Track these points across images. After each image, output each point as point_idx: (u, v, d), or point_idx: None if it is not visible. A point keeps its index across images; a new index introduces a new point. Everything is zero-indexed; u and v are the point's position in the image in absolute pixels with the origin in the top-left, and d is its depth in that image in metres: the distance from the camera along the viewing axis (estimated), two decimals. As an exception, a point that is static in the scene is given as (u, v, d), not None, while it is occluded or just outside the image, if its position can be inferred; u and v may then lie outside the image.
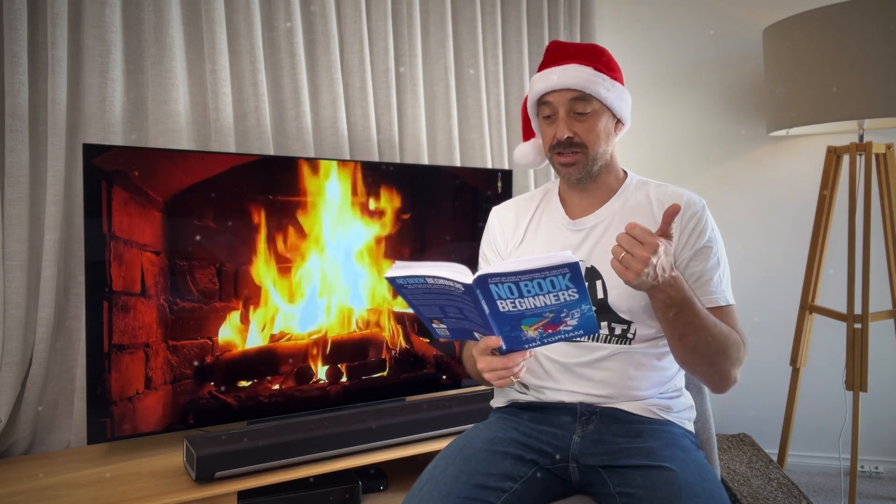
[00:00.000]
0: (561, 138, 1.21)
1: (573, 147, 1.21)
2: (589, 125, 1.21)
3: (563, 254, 0.89)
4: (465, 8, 2.36)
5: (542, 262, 0.88)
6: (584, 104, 1.21)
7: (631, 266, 0.99)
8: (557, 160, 1.24)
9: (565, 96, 1.21)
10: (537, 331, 0.98)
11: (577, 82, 1.20)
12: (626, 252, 0.99)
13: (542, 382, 1.25)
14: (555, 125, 1.23)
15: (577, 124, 1.21)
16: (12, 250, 1.66)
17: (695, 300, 1.08)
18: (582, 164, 1.22)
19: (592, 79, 1.21)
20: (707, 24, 2.60)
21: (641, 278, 0.99)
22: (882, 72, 1.93)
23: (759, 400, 2.59)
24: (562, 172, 1.26)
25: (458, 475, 1.09)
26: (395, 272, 0.97)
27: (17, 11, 1.62)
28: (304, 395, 1.84)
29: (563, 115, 1.22)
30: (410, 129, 2.27)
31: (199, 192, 1.69)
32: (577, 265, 0.88)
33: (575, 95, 1.21)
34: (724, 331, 1.12)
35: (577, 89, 1.20)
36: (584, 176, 1.24)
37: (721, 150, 2.64)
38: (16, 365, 1.66)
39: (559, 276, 0.90)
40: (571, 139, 1.21)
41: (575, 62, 1.22)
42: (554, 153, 1.24)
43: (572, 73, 1.21)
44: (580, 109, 1.21)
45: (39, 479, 1.54)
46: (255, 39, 1.95)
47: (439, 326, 1.05)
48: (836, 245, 2.36)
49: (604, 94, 1.22)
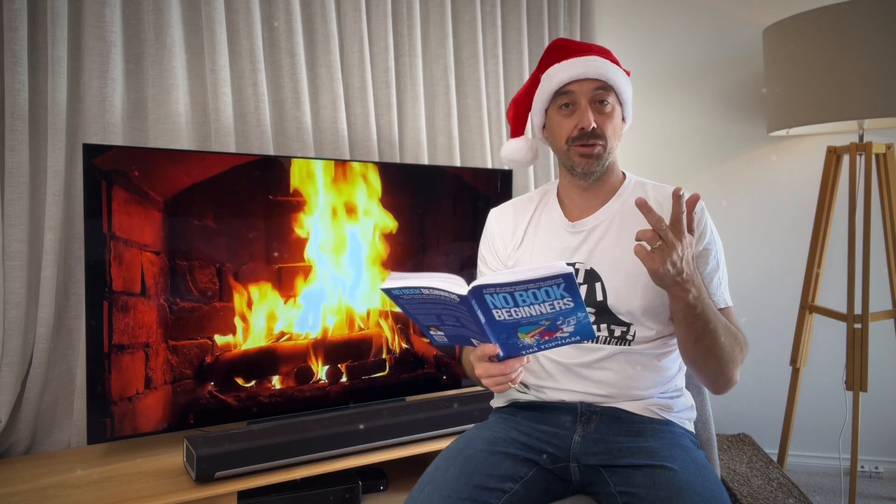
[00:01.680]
0: (587, 127, 1.18)
1: (595, 138, 1.20)
2: (608, 117, 1.21)
3: (557, 265, 0.89)
4: (465, 8, 2.36)
5: (537, 273, 0.89)
6: (606, 94, 1.21)
7: (659, 253, 0.97)
8: (578, 151, 1.21)
9: (590, 86, 1.20)
10: (534, 338, 0.98)
11: (601, 72, 1.20)
12: (660, 240, 0.97)
13: (543, 382, 1.25)
14: (576, 115, 1.21)
15: (598, 116, 1.20)
16: (12, 250, 1.66)
17: (711, 301, 1.08)
18: (599, 156, 1.21)
19: (614, 70, 1.22)
20: (707, 24, 2.61)
21: (667, 267, 0.97)
22: (882, 72, 1.93)
23: (759, 400, 2.59)
24: (580, 165, 1.21)
25: (459, 476, 1.09)
26: (390, 283, 0.97)
27: (17, 11, 1.62)
28: (304, 395, 1.84)
29: (586, 104, 1.20)
30: (410, 129, 2.27)
31: (199, 192, 1.69)
32: (572, 275, 0.89)
33: (599, 85, 1.20)
34: (733, 332, 1.12)
35: (601, 79, 1.20)
36: (598, 169, 1.22)
37: (721, 150, 2.64)
38: (16, 365, 1.66)
39: (554, 285, 0.90)
40: (595, 129, 1.19)
41: (592, 55, 1.23)
42: (574, 144, 1.21)
43: (596, 63, 1.21)
44: (602, 99, 1.21)
45: (39, 479, 1.54)
46: (255, 39, 1.95)
47: (437, 333, 1.06)
48: (836, 245, 2.36)
49: (623, 87, 1.23)
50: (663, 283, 1.03)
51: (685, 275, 1.00)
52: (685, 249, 0.98)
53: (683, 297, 1.03)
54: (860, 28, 1.94)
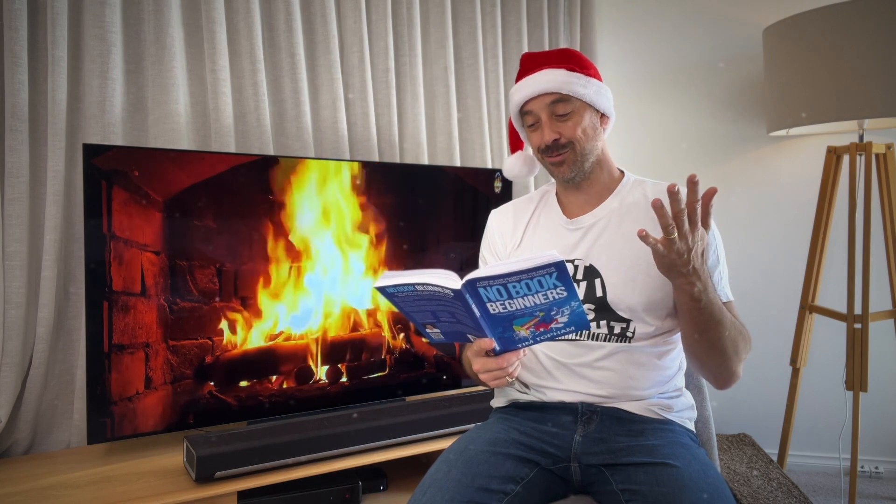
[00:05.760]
0: (547, 142, 1.23)
1: (560, 148, 1.24)
2: (572, 124, 1.23)
3: (548, 253, 0.90)
4: (465, 8, 2.36)
5: (528, 264, 0.89)
6: (564, 105, 1.23)
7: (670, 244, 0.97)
8: (548, 161, 1.27)
9: (544, 101, 1.23)
10: (529, 330, 0.99)
11: (552, 85, 1.22)
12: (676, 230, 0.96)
13: (543, 382, 1.25)
14: (539, 131, 1.25)
15: (560, 125, 1.23)
16: (12, 250, 1.66)
17: (717, 296, 1.08)
18: (571, 161, 1.24)
19: (567, 79, 1.23)
20: (707, 24, 2.61)
21: (673, 256, 0.97)
22: (882, 72, 1.93)
23: (759, 400, 2.59)
24: (554, 173, 1.28)
25: (461, 479, 1.09)
26: (383, 282, 0.97)
27: (17, 11, 1.62)
28: (304, 395, 1.84)
29: (545, 119, 1.24)
30: (410, 129, 2.27)
31: (199, 192, 1.69)
32: (563, 263, 0.89)
33: (553, 98, 1.23)
34: (737, 326, 1.13)
35: (554, 92, 1.22)
36: (576, 174, 1.25)
37: (721, 150, 2.64)
38: (16, 365, 1.66)
39: (546, 275, 0.91)
40: (557, 141, 1.23)
41: (547, 67, 1.24)
42: (544, 156, 1.27)
43: (547, 77, 1.23)
44: (561, 111, 1.23)
45: (39, 479, 1.54)
46: (255, 39, 1.95)
47: (433, 331, 1.06)
48: (836, 245, 2.36)
49: (581, 91, 1.23)
50: (669, 274, 1.03)
51: (692, 267, 1.00)
52: (696, 241, 0.98)
53: (689, 289, 1.03)
54: (860, 28, 1.94)
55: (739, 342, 1.12)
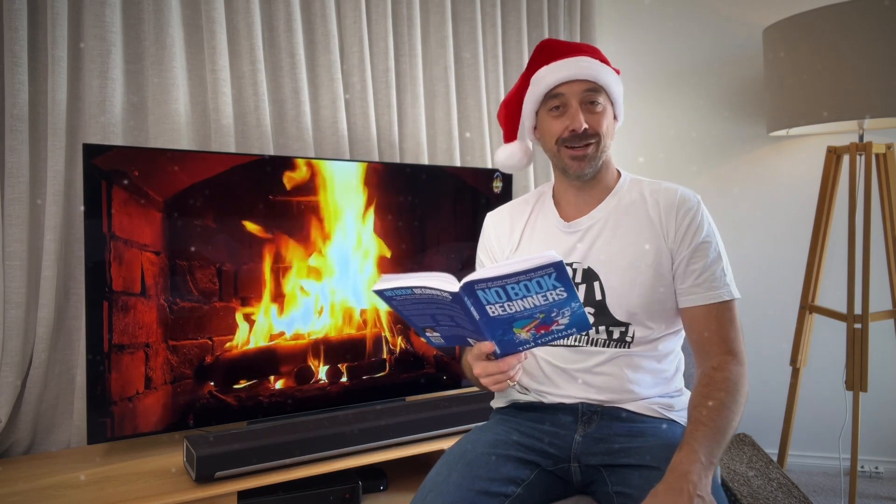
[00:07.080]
0: (578, 129, 1.18)
1: (588, 138, 1.19)
2: (600, 117, 1.21)
3: (547, 254, 0.88)
4: (465, 8, 2.36)
5: (527, 265, 0.88)
6: (597, 95, 1.20)
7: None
8: (568, 154, 1.21)
9: (579, 87, 1.19)
10: (529, 332, 0.97)
11: (590, 73, 1.19)
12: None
13: (543, 387, 1.24)
14: (565, 117, 1.20)
15: (589, 116, 1.20)
16: (12, 250, 1.66)
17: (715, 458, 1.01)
18: (592, 155, 1.21)
19: (604, 70, 1.21)
20: (707, 24, 2.60)
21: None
22: (882, 72, 1.93)
23: (759, 400, 2.58)
24: (572, 167, 1.21)
25: (461, 482, 1.09)
26: (381, 285, 0.96)
27: (17, 11, 1.62)
28: (304, 395, 1.83)
29: (576, 105, 1.19)
30: (410, 129, 2.27)
31: (199, 192, 1.69)
32: (562, 264, 0.88)
33: (589, 87, 1.20)
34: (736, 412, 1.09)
35: (591, 80, 1.19)
36: (591, 170, 1.22)
37: (721, 151, 2.64)
38: (16, 365, 1.66)
39: (545, 276, 0.89)
40: (587, 130, 1.19)
41: (581, 55, 1.21)
42: (563, 146, 1.21)
43: (585, 64, 1.20)
44: (594, 100, 1.20)
45: (39, 479, 1.54)
46: (255, 39, 1.95)
47: (433, 335, 1.04)
48: (836, 245, 2.36)
49: (613, 87, 1.22)
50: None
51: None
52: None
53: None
54: (860, 28, 1.94)
55: (738, 418, 1.08)
